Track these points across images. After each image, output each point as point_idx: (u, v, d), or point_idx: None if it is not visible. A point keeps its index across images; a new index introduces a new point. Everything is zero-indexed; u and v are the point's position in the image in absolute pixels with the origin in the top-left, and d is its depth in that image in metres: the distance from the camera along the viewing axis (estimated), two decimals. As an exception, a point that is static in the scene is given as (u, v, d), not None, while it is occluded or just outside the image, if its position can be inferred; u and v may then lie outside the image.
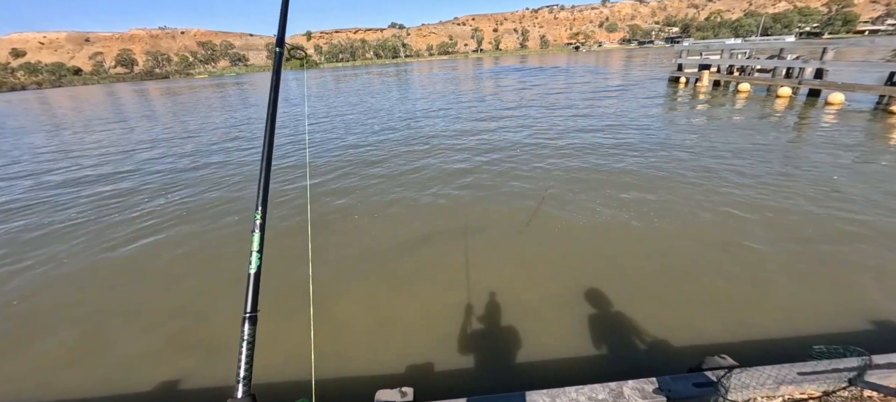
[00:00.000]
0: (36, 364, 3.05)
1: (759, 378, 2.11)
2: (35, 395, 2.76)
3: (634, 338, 2.93)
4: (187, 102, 27.52)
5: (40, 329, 3.46)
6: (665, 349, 2.82)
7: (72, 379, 2.89)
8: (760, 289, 3.41)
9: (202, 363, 2.96)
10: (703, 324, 3.02)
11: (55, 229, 5.60)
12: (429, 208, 5.58)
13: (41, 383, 2.86)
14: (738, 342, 2.85)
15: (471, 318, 3.25)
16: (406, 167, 7.61)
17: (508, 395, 2.07)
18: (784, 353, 2.60)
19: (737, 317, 3.08)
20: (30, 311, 3.74)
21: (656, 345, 2.85)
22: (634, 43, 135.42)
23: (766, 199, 5.16)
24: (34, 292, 4.05)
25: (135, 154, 10.53)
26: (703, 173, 6.23)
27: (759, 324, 2.99)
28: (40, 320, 3.59)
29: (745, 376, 2.12)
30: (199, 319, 3.47)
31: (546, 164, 7.22)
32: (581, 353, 2.81)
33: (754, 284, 3.48)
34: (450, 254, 4.24)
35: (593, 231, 4.55)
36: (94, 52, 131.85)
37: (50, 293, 4.02)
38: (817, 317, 3.06)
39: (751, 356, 2.51)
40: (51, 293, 4.02)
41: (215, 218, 5.68)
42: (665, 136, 8.92)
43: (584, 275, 3.70)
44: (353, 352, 2.91)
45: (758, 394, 2.08)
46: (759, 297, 3.31)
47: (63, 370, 2.99)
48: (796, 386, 2.08)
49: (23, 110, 29.13)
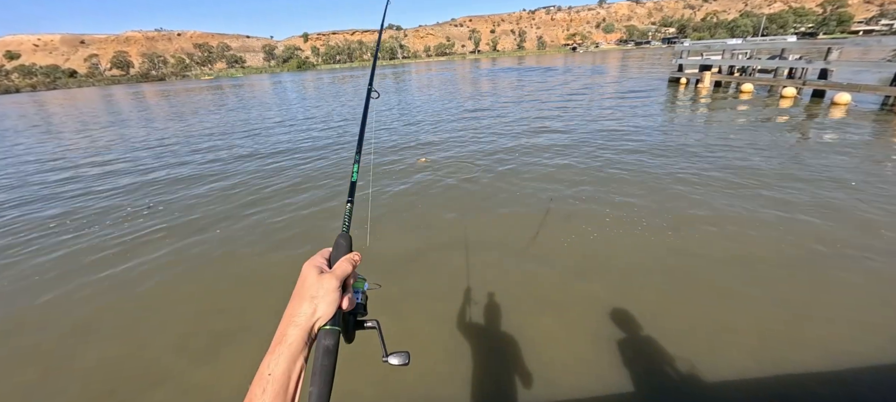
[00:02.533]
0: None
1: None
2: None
3: (665, 377, 2.63)
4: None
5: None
6: (705, 392, 2.52)
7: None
8: (790, 312, 3.13)
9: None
10: (734, 356, 2.72)
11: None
12: (425, 223, 5.28)
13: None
14: (774, 376, 2.56)
15: (477, 349, 2.95)
16: (397, 178, 7.31)
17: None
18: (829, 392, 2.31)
19: (769, 345, 2.79)
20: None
21: (692, 385, 2.56)
22: (631, 44, 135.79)
23: (790, 206, 4.89)
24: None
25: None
26: (717, 178, 5.96)
27: (793, 356, 2.70)
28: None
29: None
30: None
31: (547, 170, 6.94)
32: (600, 390, 2.51)
33: (781, 305, 3.20)
34: (448, 275, 3.94)
35: (605, 246, 4.26)
36: (90, 54, 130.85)
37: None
38: (862, 346, 2.78)
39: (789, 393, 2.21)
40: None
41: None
42: (671, 139, 8.66)
43: (597, 297, 3.40)
44: (352, 383, 2.60)
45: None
46: (787, 319, 3.03)
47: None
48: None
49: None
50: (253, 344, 3.10)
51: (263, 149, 10.42)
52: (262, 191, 6.86)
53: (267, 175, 7.82)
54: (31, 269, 4.56)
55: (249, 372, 0.54)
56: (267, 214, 5.80)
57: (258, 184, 7.27)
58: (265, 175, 7.83)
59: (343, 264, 0.66)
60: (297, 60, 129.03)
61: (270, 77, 75.78)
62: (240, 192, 6.89)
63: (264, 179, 7.59)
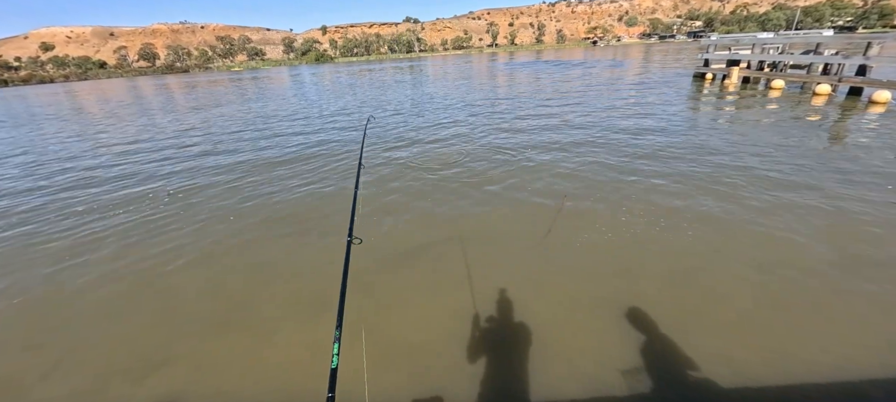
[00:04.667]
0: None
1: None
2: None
3: (679, 384, 2.57)
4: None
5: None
6: (706, 393, 2.45)
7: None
8: (821, 321, 2.99)
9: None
10: (769, 369, 2.63)
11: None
12: (436, 215, 5.27)
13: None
14: (798, 385, 2.46)
15: (488, 344, 2.94)
16: (414, 168, 7.32)
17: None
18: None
19: (794, 357, 2.68)
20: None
21: (707, 392, 2.49)
22: (655, 37, 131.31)
23: (820, 210, 4.66)
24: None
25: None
26: (743, 178, 5.73)
27: (840, 376, 2.58)
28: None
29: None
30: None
31: (563, 166, 6.82)
32: (607, 389, 2.46)
33: (809, 314, 3.06)
34: (460, 269, 3.93)
35: (622, 246, 4.16)
36: (119, 46, 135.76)
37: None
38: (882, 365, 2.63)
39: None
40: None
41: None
42: (692, 136, 8.36)
43: (613, 298, 3.34)
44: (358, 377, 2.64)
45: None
46: (819, 333, 2.89)
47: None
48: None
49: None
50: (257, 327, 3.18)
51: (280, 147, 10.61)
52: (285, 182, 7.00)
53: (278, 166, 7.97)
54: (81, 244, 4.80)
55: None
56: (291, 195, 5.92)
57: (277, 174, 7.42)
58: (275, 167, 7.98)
59: None
60: (315, 53, 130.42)
61: (289, 69, 76.88)
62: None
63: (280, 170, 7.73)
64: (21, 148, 11.81)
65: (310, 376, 2.71)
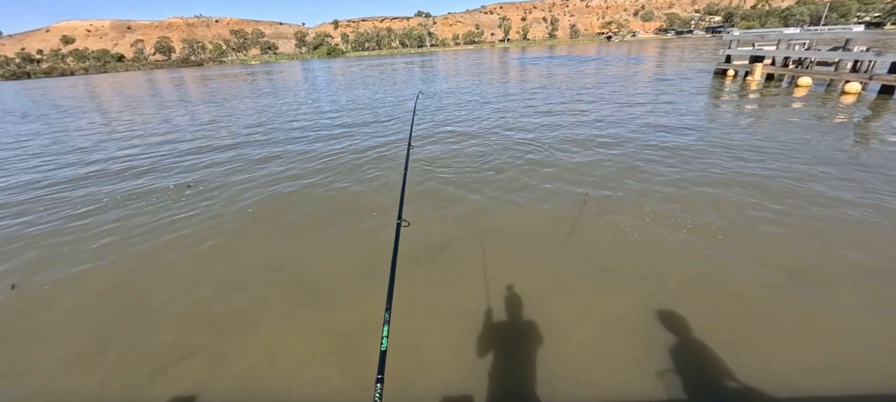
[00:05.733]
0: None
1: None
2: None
3: (710, 392, 2.47)
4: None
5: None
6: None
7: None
8: (854, 335, 2.84)
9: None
10: (804, 378, 2.51)
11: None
12: (455, 211, 5.21)
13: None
14: (829, 396, 2.34)
15: (503, 343, 2.88)
16: (432, 164, 7.26)
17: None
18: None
19: (817, 363, 2.55)
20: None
21: (733, 397, 2.38)
22: (672, 33, 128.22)
23: (852, 216, 4.45)
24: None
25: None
26: (769, 181, 5.52)
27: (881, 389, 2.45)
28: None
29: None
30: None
31: (583, 164, 6.67)
32: (627, 393, 2.38)
33: (841, 324, 2.92)
34: (479, 267, 3.87)
35: (646, 249, 4.03)
36: (136, 39, 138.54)
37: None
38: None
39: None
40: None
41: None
42: (716, 136, 8.10)
43: (641, 304, 3.23)
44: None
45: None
46: (854, 343, 2.75)
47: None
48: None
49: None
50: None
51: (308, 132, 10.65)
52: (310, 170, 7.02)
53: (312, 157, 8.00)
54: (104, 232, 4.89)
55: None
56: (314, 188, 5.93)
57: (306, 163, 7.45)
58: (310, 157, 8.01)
59: None
60: (326, 47, 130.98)
61: (302, 63, 77.35)
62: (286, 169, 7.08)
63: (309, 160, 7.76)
64: (46, 139, 12.12)
65: (340, 366, 2.69)
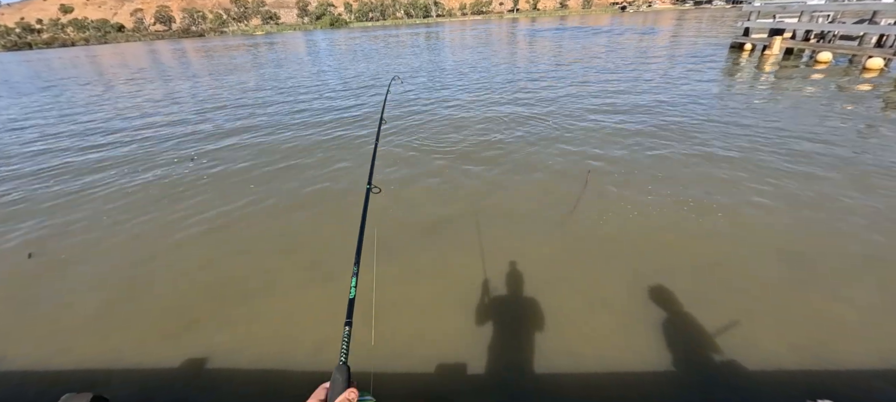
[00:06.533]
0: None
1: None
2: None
3: (704, 367, 2.52)
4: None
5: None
6: (745, 385, 2.40)
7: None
8: (859, 316, 2.86)
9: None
10: (797, 355, 2.55)
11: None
12: (454, 187, 5.20)
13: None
14: (834, 378, 2.38)
15: (510, 324, 2.95)
16: (428, 138, 7.19)
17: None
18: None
19: (830, 350, 2.58)
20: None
21: (733, 377, 2.44)
22: (689, 3, 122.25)
23: (868, 203, 4.36)
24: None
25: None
26: (778, 161, 5.41)
27: (869, 364, 2.48)
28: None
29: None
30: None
31: (588, 139, 6.57)
32: (639, 379, 2.45)
33: (848, 307, 2.93)
34: (479, 245, 3.90)
35: (649, 227, 4.02)
36: (135, 8, 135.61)
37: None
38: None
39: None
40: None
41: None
42: (726, 113, 7.88)
43: (641, 282, 3.25)
44: (378, 351, 2.70)
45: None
46: (854, 325, 2.77)
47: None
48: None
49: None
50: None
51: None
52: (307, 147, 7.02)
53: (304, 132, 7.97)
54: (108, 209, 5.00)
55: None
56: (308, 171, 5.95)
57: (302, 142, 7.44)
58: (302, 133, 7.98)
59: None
60: (329, 17, 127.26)
61: (305, 34, 75.53)
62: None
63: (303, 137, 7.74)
64: (50, 111, 12.16)
65: (333, 332, 2.79)
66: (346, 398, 0.66)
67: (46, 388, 2.59)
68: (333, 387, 0.68)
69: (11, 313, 3.32)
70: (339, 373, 0.70)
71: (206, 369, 2.70)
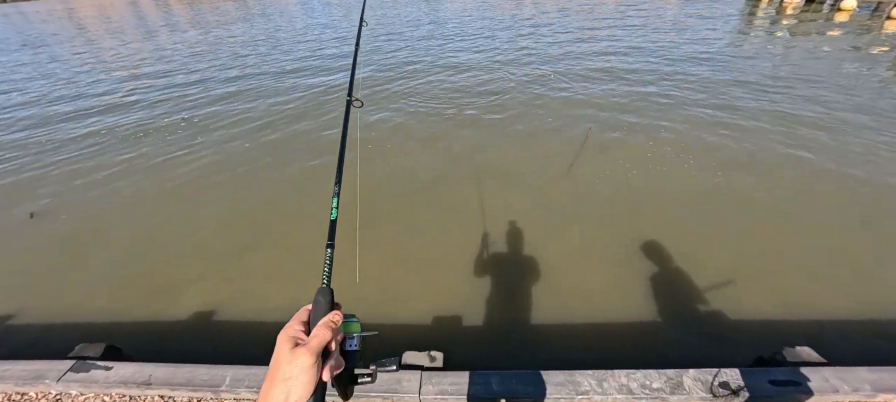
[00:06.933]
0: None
1: (851, 381, 1.79)
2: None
3: (694, 317, 2.62)
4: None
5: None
6: (729, 333, 2.50)
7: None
8: (858, 271, 2.90)
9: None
10: (780, 308, 2.63)
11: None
12: (452, 144, 5.12)
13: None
14: (823, 332, 2.47)
15: (503, 275, 3.02)
16: (427, 95, 6.97)
17: (550, 372, 1.88)
18: (880, 352, 2.22)
19: (823, 304, 2.65)
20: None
21: (717, 326, 2.54)
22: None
23: (882, 156, 4.27)
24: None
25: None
26: (787, 118, 5.26)
27: (851, 315, 2.57)
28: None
29: (834, 377, 1.80)
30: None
31: (591, 94, 6.36)
32: (630, 331, 2.55)
33: (847, 264, 2.97)
34: (477, 201, 3.89)
35: (648, 184, 4.00)
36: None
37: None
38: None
39: (840, 353, 2.13)
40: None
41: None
42: (739, 67, 7.56)
43: (635, 238, 3.27)
44: (377, 307, 2.79)
45: (846, 398, 1.77)
46: (853, 281, 2.82)
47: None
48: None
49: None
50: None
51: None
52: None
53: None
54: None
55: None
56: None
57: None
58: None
59: (320, 333, 0.58)
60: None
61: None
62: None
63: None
64: (37, 73, 11.70)
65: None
66: (331, 319, 0.61)
67: (63, 338, 2.71)
68: (316, 309, 0.64)
69: (22, 271, 3.41)
70: (322, 295, 0.65)
71: (212, 321, 2.82)
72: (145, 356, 2.30)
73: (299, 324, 0.61)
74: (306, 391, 0.52)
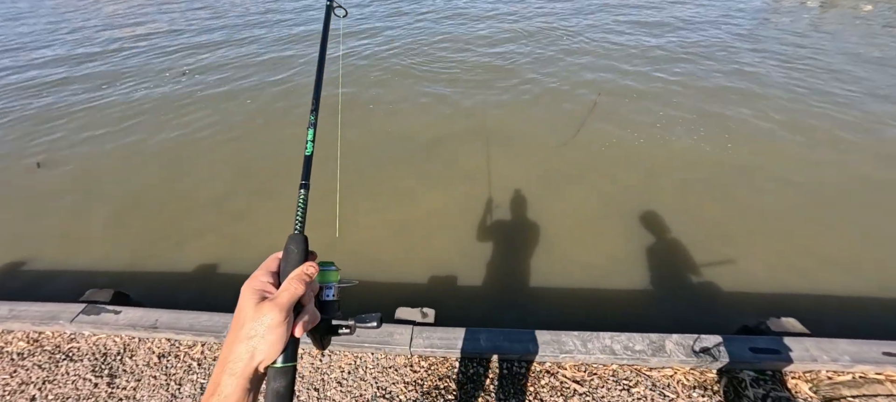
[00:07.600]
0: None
1: (831, 352, 1.83)
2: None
3: (682, 285, 2.66)
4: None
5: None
6: (717, 303, 2.55)
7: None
8: (851, 248, 2.89)
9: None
10: (769, 280, 2.65)
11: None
12: (458, 105, 4.99)
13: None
14: (808, 305, 2.50)
15: (498, 238, 3.05)
16: (432, 54, 6.71)
17: (537, 332, 1.94)
18: (863, 327, 2.25)
19: (813, 278, 2.66)
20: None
21: (707, 296, 2.58)
22: None
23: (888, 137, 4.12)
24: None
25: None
26: (810, 91, 5.00)
27: (838, 289, 2.58)
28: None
29: (814, 348, 1.84)
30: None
31: (603, 57, 6.09)
32: (620, 298, 2.60)
33: (840, 240, 2.95)
34: (477, 162, 3.86)
35: (651, 154, 3.90)
36: None
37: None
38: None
39: (824, 324, 2.16)
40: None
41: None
42: (760, 36, 7.12)
43: (631, 206, 3.25)
44: (370, 262, 2.85)
45: (824, 367, 1.82)
46: (845, 257, 2.81)
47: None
48: (876, 366, 1.80)
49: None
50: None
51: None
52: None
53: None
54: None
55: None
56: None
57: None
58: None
59: (291, 286, 0.50)
60: None
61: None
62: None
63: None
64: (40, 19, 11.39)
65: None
66: (304, 271, 0.52)
67: (73, 285, 2.84)
68: (287, 258, 0.55)
69: (32, 219, 3.51)
70: (294, 243, 0.56)
71: (217, 273, 2.92)
72: (150, 304, 2.40)
73: (267, 274, 0.53)
74: (274, 351, 0.46)
